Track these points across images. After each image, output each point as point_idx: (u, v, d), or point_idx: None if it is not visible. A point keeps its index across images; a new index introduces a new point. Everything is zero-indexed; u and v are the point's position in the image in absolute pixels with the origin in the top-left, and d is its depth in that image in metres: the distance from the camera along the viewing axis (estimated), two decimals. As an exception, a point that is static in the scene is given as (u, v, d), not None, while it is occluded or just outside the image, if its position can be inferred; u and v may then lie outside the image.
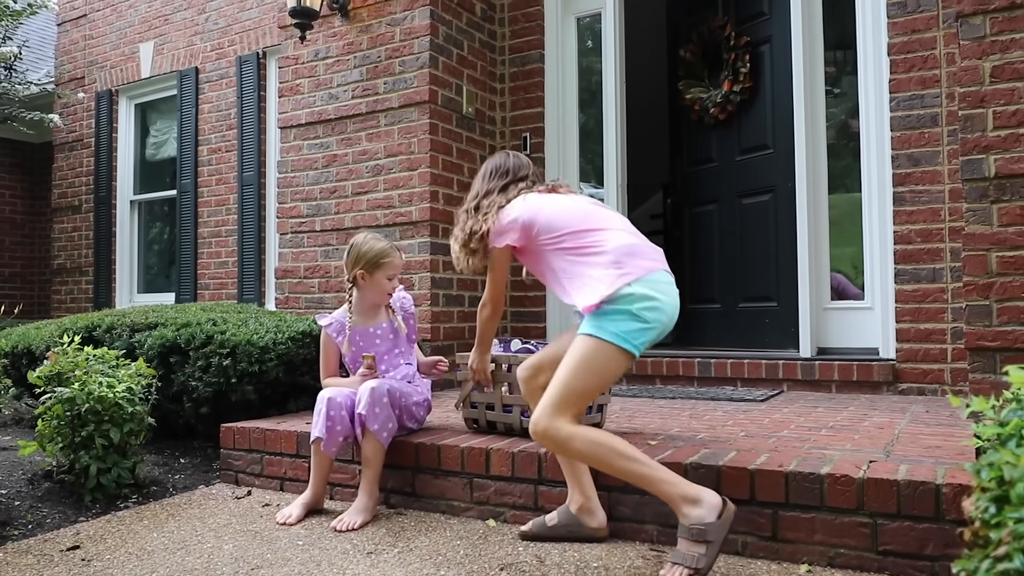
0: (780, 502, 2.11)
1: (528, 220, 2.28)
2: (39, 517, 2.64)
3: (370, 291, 2.87)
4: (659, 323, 2.08)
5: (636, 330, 2.05)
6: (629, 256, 2.14)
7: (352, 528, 2.48)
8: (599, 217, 2.27)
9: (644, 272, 2.11)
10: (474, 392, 2.86)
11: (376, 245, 2.84)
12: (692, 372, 4.34)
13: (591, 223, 2.24)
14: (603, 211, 2.33)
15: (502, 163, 2.52)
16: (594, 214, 2.28)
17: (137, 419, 2.88)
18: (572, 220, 2.25)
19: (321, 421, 2.63)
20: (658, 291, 2.09)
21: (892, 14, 3.93)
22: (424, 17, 4.49)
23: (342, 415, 2.65)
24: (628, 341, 2.03)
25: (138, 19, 7.25)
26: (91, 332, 3.76)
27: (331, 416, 2.63)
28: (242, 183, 6.51)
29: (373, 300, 2.90)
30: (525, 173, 2.50)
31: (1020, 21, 3.11)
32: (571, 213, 2.28)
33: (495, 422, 2.83)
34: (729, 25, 4.89)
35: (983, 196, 3.14)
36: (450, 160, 4.62)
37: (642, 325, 2.05)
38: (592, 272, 2.13)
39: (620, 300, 2.05)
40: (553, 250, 2.24)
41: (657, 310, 2.07)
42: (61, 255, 7.72)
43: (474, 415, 2.88)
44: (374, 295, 2.88)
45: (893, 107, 3.91)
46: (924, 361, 3.81)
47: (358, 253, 2.84)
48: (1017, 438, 1.14)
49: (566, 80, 5.04)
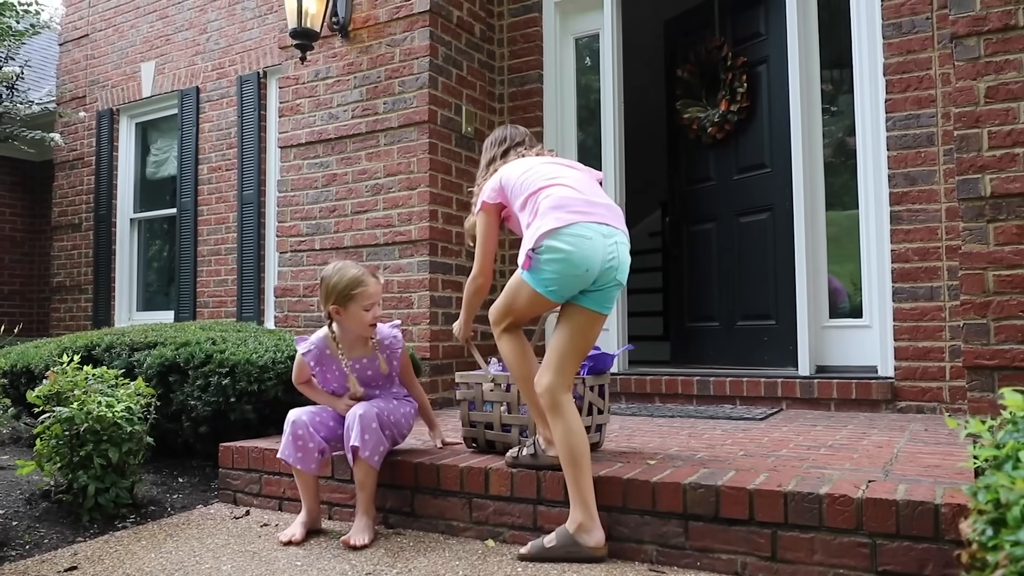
0: (779, 522, 2.11)
1: (504, 179, 2.49)
2: (37, 537, 2.63)
3: (350, 324, 2.69)
4: (564, 274, 2.26)
5: (547, 279, 2.28)
6: (555, 210, 2.29)
7: (364, 545, 2.47)
8: (554, 174, 2.42)
9: (562, 224, 2.25)
10: (472, 412, 2.86)
11: (347, 274, 2.64)
12: (691, 390, 4.35)
13: (544, 181, 2.39)
14: (564, 170, 2.47)
15: (500, 134, 2.74)
16: (552, 172, 2.43)
17: (136, 438, 2.88)
18: (534, 179, 2.42)
19: (288, 443, 2.62)
20: (568, 243, 2.24)
21: (887, 34, 3.97)
22: (424, 38, 4.53)
23: (311, 432, 2.64)
24: (540, 285, 2.29)
25: (139, 39, 7.30)
26: (90, 351, 3.76)
27: (299, 435, 2.62)
28: (242, 202, 6.53)
29: (356, 332, 2.73)
30: (521, 139, 2.70)
31: (1014, 42, 3.14)
32: (536, 173, 2.44)
33: (494, 441, 2.83)
34: (726, 45, 4.93)
35: (979, 215, 3.16)
36: (449, 179, 4.64)
37: (551, 276, 2.27)
38: (527, 232, 2.35)
39: (539, 252, 2.27)
40: (520, 212, 2.44)
41: (561, 262, 2.25)
42: (61, 273, 7.73)
43: (473, 434, 2.88)
44: (355, 327, 2.71)
45: (889, 126, 3.94)
46: (923, 379, 3.81)
47: (328, 287, 2.65)
48: (1014, 460, 1.14)
49: (564, 99, 5.08)
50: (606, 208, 2.36)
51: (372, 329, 2.72)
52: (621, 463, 2.55)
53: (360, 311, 2.65)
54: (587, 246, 2.26)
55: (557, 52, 5.08)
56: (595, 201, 2.36)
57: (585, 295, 2.34)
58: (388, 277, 4.55)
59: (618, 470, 2.42)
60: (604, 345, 4.83)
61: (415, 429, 3.54)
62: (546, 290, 2.30)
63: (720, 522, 2.19)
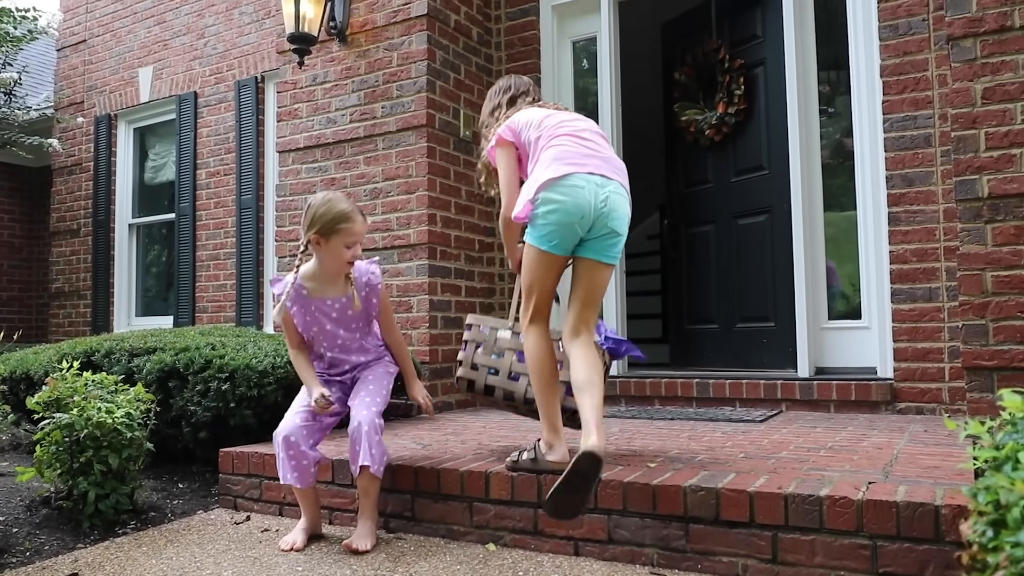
0: (780, 524, 2.11)
1: (514, 124, 2.59)
2: (37, 544, 2.62)
3: (327, 259, 2.62)
4: (560, 223, 2.38)
5: (545, 234, 2.40)
6: (555, 161, 2.41)
7: (366, 550, 2.47)
8: (557, 124, 2.52)
9: (558, 175, 2.38)
10: (479, 353, 2.77)
11: (336, 206, 2.57)
12: (691, 393, 4.35)
13: (549, 132, 2.50)
14: (568, 121, 2.54)
15: (504, 83, 2.84)
16: (556, 122, 2.53)
17: (136, 444, 2.88)
18: (540, 130, 2.53)
19: (286, 467, 2.58)
20: (562, 194, 2.37)
21: (884, 36, 3.98)
22: (421, 42, 4.54)
23: (302, 450, 2.59)
24: (543, 241, 2.41)
25: (137, 44, 7.31)
26: (90, 357, 3.76)
27: (291, 455, 2.58)
28: (240, 206, 6.53)
29: (330, 268, 2.65)
30: (526, 88, 2.80)
31: (1010, 44, 3.15)
32: (543, 123, 2.54)
33: (494, 387, 2.72)
34: (723, 48, 4.94)
35: (977, 216, 3.17)
36: (448, 183, 4.64)
37: (550, 227, 2.39)
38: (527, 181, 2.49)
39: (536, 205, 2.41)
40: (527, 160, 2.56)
41: (556, 212, 2.37)
42: (59, 279, 7.73)
43: (473, 376, 2.75)
44: (331, 263, 2.63)
45: (887, 128, 3.95)
46: (922, 380, 3.82)
47: (314, 215, 2.57)
48: (1013, 462, 1.14)
49: (562, 102, 5.07)
50: (603, 160, 2.45)
51: (349, 267, 2.66)
52: (621, 466, 2.55)
53: (341, 247, 2.59)
54: (580, 195, 2.37)
55: (555, 55, 5.09)
56: (593, 152, 2.45)
57: (584, 246, 2.45)
58: (387, 281, 4.55)
59: (618, 473, 2.42)
60: (603, 348, 4.84)
61: (411, 432, 3.55)
62: (549, 244, 2.41)
63: (721, 524, 2.19)
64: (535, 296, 2.49)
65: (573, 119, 2.58)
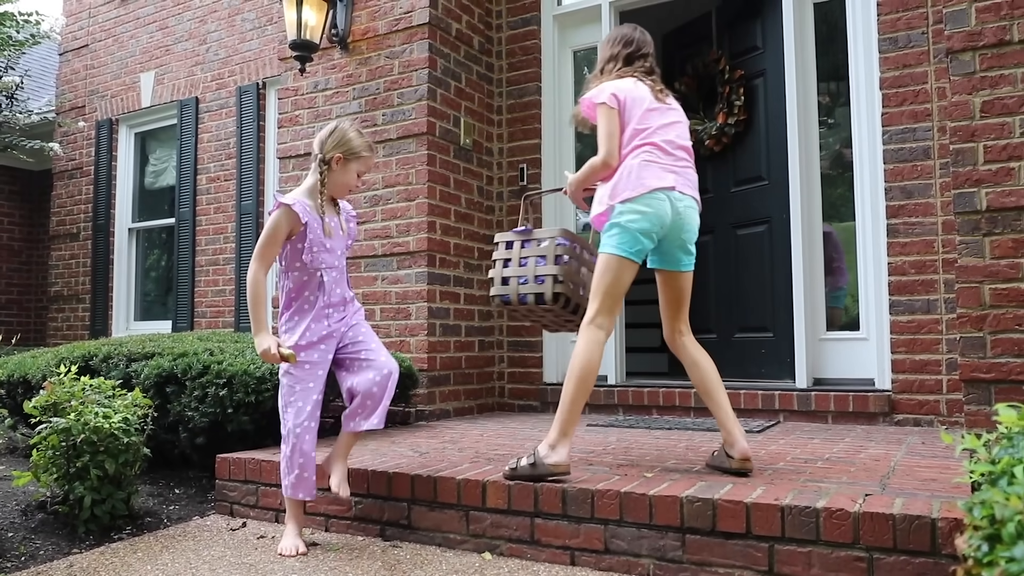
0: (776, 536, 2.11)
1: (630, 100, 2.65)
2: (32, 549, 2.62)
3: (339, 179, 2.70)
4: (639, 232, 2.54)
5: (623, 242, 2.55)
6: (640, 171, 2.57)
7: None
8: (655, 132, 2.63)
9: (639, 192, 2.54)
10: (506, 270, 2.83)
11: (363, 136, 2.73)
12: (688, 403, 4.35)
13: (643, 138, 2.62)
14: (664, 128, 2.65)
15: (628, 33, 2.83)
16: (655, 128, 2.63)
17: (132, 450, 2.87)
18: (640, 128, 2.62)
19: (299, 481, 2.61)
20: (644, 205, 2.54)
21: (884, 48, 3.99)
22: (423, 50, 4.55)
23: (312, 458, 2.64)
24: (620, 248, 2.56)
25: (139, 49, 7.33)
26: (88, 361, 3.76)
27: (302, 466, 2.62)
28: (240, 212, 6.54)
29: (336, 190, 2.74)
30: (645, 52, 2.80)
31: (1009, 57, 3.16)
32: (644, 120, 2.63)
33: (527, 295, 2.77)
34: (724, 59, 4.96)
35: (975, 229, 3.17)
36: (448, 191, 4.65)
37: (628, 237, 2.54)
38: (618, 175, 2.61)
39: (613, 214, 2.57)
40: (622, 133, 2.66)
41: (636, 222, 2.54)
42: (58, 282, 7.73)
43: (504, 291, 2.83)
44: (340, 186, 2.72)
45: (886, 140, 3.96)
46: (920, 392, 3.82)
47: (343, 135, 2.68)
48: (1008, 476, 1.14)
49: (563, 111, 5.09)
50: (682, 176, 2.63)
51: (348, 194, 2.82)
52: (618, 476, 2.55)
53: (354, 173, 2.72)
54: (659, 207, 2.56)
55: (555, 64, 5.10)
56: (675, 167, 2.63)
57: (660, 256, 2.70)
58: (386, 288, 4.56)
59: (615, 483, 2.42)
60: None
61: (409, 440, 3.55)
62: (627, 251, 2.56)
63: (717, 535, 2.19)
64: (603, 297, 2.60)
65: (669, 124, 2.68)
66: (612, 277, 2.58)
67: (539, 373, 4.91)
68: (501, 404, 5.00)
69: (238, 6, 6.73)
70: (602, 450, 3.19)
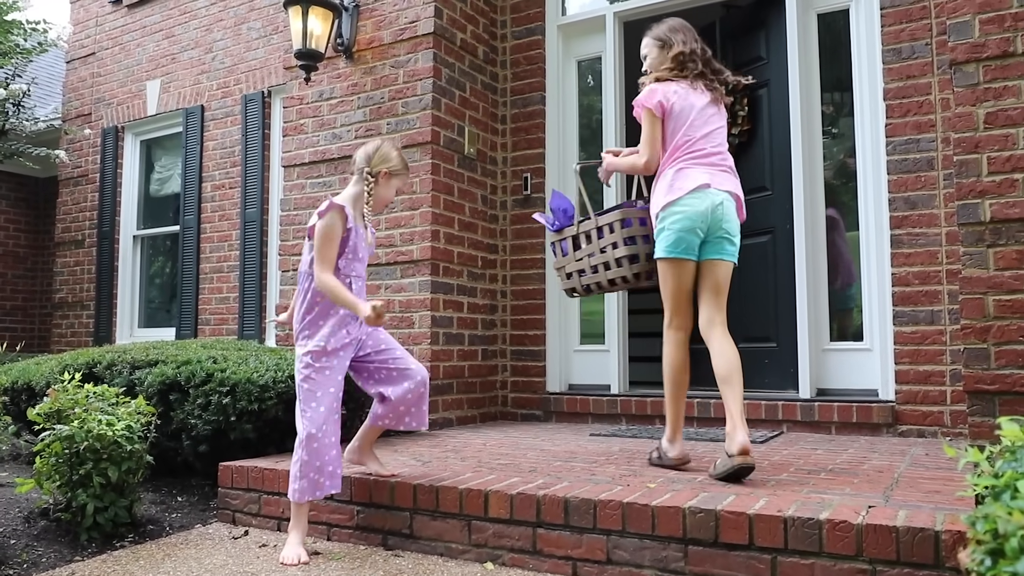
0: (779, 547, 2.11)
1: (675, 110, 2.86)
2: (34, 556, 2.62)
3: (381, 193, 2.81)
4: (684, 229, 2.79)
5: (673, 242, 2.82)
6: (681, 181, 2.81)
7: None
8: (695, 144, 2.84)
9: (679, 195, 2.79)
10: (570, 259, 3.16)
11: (403, 157, 2.87)
12: (692, 412, 4.34)
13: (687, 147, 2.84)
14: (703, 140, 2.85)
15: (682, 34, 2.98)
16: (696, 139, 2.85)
17: (136, 457, 2.88)
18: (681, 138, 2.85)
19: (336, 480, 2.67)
20: (685, 205, 2.78)
21: (887, 60, 4.00)
22: (427, 60, 4.57)
23: (338, 451, 2.70)
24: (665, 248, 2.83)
25: (146, 58, 7.36)
26: (91, 368, 3.77)
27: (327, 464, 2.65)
28: (245, 220, 6.56)
29: (376, 203, 2.82)
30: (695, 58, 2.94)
31: (1012, 69, 3.17)
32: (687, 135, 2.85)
33: (589, 284, 3.14)
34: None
35: (979, 240, 3.17)
36: (451, 200, 4.66)
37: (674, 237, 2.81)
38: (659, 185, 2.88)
39: (659, 220, 2.86)
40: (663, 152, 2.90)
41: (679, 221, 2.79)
42: (63, 289, 7.75)
43: (573, 283, 3.18)
44: (380, 199, 2.82)
45: (890, 151, 3.96)
46: (923, 403, 3.81)
47: (389, 153, 2.80)
48: (1012, 490, 1.14)
49: (567, 120, 5.11)
50: (720, 175, 2.84)
51: (384, 208, 3.06)
52: (621, 486, 2.54)
53: (395, 189, 2.88)
54: (698, 205, 2.78)
55: (559, 74, 5.12)
56: (713, 171, 2.84)
57: (705, 248, 2.86)
58: (389, 296, 4.56)
59: (618, 493, 2.42)
60: (600, 366, 4.84)
61: (411, 449, 3.55)
62: (678, 251, 2.82)
63: (720, 547, 2.18)
64: (670, 302, 2.91)
65: (709, 133, 2.87)
66: (672, 281, 2.87)
67: (542, 382, 4.90)
68: (504, 413, 5.00)
69: (244, 15, 6.76)
70: (605, 460, 3.19)
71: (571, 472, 2.88)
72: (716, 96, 2.92)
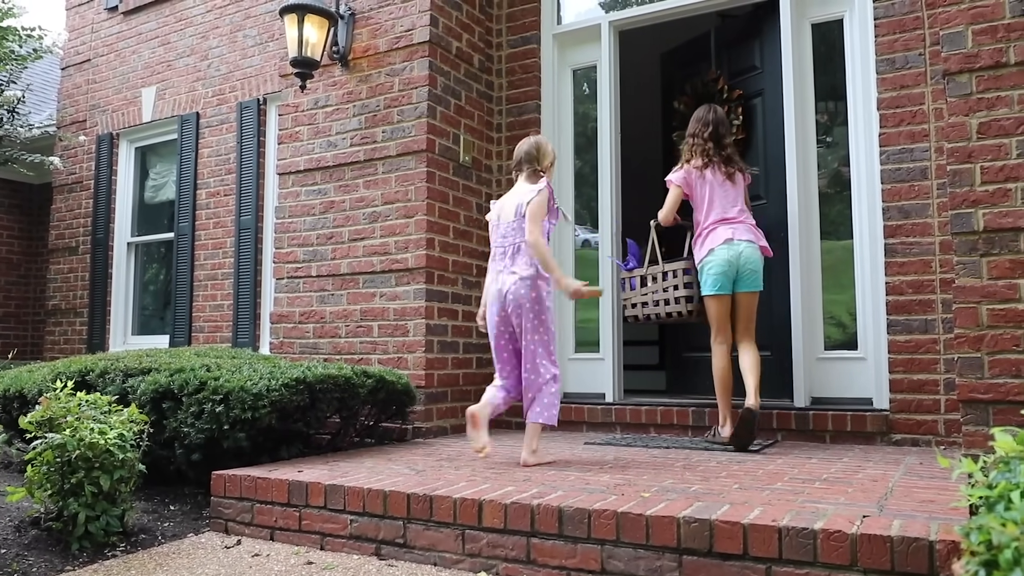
0: (774, 557, 2.10)
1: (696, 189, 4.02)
2: (25, 566, 2.60)
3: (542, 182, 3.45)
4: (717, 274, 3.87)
5: (711, 282, 3.91)
6: (708, 238, 3.95)
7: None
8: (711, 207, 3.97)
9: (707, 252, 3.91)
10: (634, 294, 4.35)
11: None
12: (686, 421, 4.34)
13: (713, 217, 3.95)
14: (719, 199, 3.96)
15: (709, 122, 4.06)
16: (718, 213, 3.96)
17: (128, 466, 2.86)
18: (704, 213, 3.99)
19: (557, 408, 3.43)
20: (715, 256, 3.88)
21: (881, 70, 4.02)
22: (423, 68, 4.58)
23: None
24: (708, 288, 3.92)
25: (141, 64, 7.36)
26: (84, 376, 3.75)
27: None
28: (239, 227, 6.54)
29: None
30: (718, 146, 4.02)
31: (1005, 79, 3.18)
32: (707, 212, 3.97)
33: (649, 315, 4.32)
34: (722, 78, 4.98)
35: (973, 249, 3.18)
36: (447, 208, 4.66)
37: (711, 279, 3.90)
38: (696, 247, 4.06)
39: (703, 269, 3.96)
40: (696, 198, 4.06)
41: (714, 268, 3.88)
42: (56, 296, 7.72)
43: (636, 312, 4.35)
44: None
45: (883, 160, 3.97)
46: (918, 412, 3.81)
47: (554, 153, 3.58)
48: (1006, 502, 1.14)
49: (562, 128, 5.12)
50: (738, 231, 3.89)
51: None
52: (615, 496, 2.54)
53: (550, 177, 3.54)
54: (724, 256, 3.86)
55: (555, 83, 5.13)
56: (731, 228, 3.89)
57: (736, 284, 3.89)
58: (384, 304, 4.55)
59: (612, 503, 2.41)
60: (595, 374, 4.83)
61: (406, 457, 3.54)
62: (716, 288, 3.89)
63: (714, 556, 2.18)
64: (713, 323, 3.95)
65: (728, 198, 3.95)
66: (715, 310, 3.93)
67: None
68: (498, 422, 4.98)
69: (240, 23, 6.77)
70: (599, 468, 3.18)
71: (565, 481, 2.87)
72: (732, 170, 3.99)
